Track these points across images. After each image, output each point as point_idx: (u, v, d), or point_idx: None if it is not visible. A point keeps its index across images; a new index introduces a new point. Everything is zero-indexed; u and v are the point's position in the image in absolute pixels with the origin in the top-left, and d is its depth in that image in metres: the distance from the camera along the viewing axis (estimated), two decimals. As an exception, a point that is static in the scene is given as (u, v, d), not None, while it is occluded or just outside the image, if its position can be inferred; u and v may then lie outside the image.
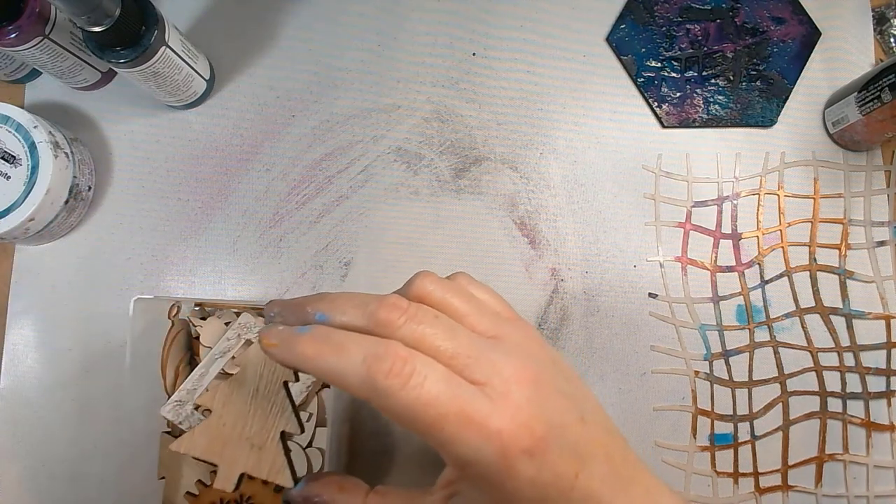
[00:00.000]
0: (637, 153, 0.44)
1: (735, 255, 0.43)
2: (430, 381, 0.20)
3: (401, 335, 0.21)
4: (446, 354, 0.21)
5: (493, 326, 0.23)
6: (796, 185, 0.44)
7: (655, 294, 0.43)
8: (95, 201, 0.42)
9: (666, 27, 0.45)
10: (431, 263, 0.42)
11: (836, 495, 0.41)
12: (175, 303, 0.37)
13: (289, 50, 0.44)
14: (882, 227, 0.44)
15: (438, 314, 0.23)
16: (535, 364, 0.23)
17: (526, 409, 0.21)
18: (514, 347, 0.23)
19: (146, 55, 0.35)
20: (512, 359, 0.22)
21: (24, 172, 0.37)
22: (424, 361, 0.21)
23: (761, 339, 0.42)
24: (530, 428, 0.21)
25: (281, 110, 0.43)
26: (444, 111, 0.44)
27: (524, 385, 0.21)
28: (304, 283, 0.42)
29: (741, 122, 0.44)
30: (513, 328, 0.24)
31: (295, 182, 0.43)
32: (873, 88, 0.39)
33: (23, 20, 0.35)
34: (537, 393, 0.21)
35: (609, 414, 0.25)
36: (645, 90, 0.44)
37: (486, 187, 0.43)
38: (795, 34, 0.45)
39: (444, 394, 0.20)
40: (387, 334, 0.21)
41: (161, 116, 0.43)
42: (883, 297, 0.43)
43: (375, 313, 0.22)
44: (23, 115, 0.37)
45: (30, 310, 0.41)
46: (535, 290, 0.42)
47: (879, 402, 0.42)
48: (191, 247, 0.42)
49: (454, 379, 0.21)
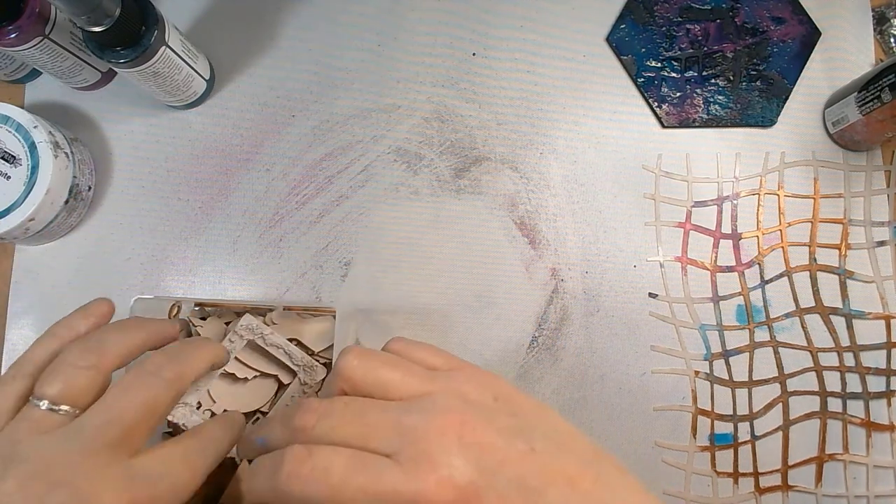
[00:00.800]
0: (637, 153, 0.44)
1: (735, 255, 0.43)
2: (334, 468, 0.21)
3: (316, 436, 0.22)
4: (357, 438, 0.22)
5: (422, 385, 0.23)
6: (796, 185, 0.44)
7: (655, 294, 0.43)
8: (95, 201, 0.42)
9: (666, 27, 0.45)
10: (431, 263, 0.42)
11: (836, 495, 0.41)
12: (175, 303, 0.37)
13: (289, 50, 0.44)
14: (882, 227, 0.44)
15: (349, 401, 0.23)
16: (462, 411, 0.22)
17: (444, 462, 0.21)
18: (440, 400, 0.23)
19: (146, 55, 0.35)
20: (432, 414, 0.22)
21: (24, 172, 0.37)
22: (325, 453, 0.21)
23: (761, 339, 0.42)
24: (450, 480, 0.20)
25: (281, 110, 0.43)
26: (444, 111, 0.44)
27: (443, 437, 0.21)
28: (304, 283, 0.42)
29: (741, 122, 0.44)
30: (445, 380, 0.24)
31: (295, 182, 0.43)
32: (873, 88, 0.39)
33: (23, 20, 0.35)
34: (460, 441, 0.21)
35: (608, 415, 0.24)
36: (645, 90, 0.44)
37: (486, 187, 0.43)
38: (795, 34, 0.45)
39: (349, 476, 0.20)
40: (304, 439, 0.22)
41: (161, 116, 0.43)
42: (883, 297, 0.43)
43: (291, 423, 0.23)
44: (23, 115, 0.37)
45: (30, 310, 0.41)
46: (535, 290, 0.42)
47: (879, 402, 0.42)
48: (191, 247, 0.42)
49: (361, 459, 0.21)
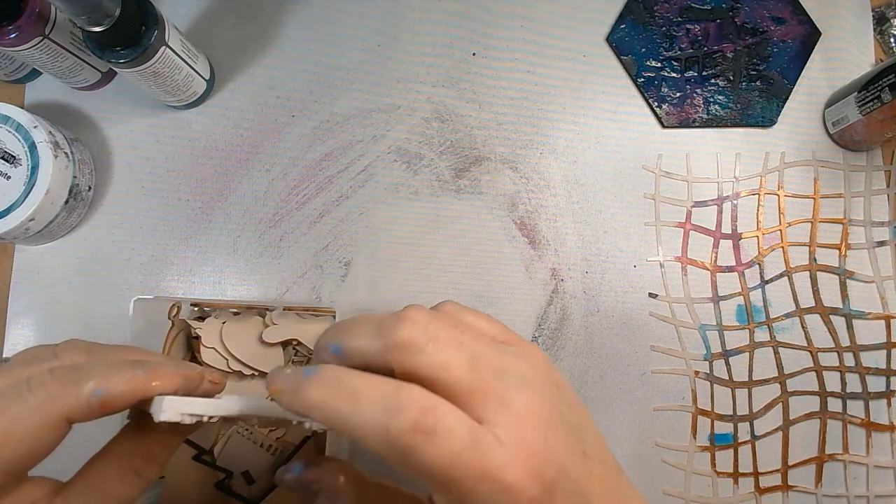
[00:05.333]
0: (637, 153, 0.44)
1: (735, 255, 0.43)
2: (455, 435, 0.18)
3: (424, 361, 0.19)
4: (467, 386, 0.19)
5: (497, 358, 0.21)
6: (796, 185, 0.44)
7: (655, 294, 0.43)
8: (95, 201, 0.42)
9: (666, 27, 0.45)
10: (431, 263, 0.42)
11: (836, 495, 0.41)
12: (175, 303, 0.37)
13: (289, 50, 0.44)
14: (882, 227, 0.44)
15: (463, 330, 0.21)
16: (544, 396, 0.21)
17: (538, 452, 0.19)
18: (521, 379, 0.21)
19: (146, 55, 0.35)
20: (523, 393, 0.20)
21: (24, 172, 0.37)
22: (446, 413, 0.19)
23: (761, 339, 0.42)
24: (540, 475, 0.19)
25: (281, 110, 0.43)
26: (444, 111, 0.44)
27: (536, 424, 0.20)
28: (304, 283, 0.42)
29: (741, 122, 0.44)
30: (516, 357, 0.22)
31: (295, 182, 0.43)
32: (873, 88, 0.39)
33: (23, 20, 0.35)
34: (547, 431, 0.20)
35: (608, 415, 0.24)
36: (645, 90, 0.44)
37: (486, 187, 0.43)
38: (795, 34, 0.45)
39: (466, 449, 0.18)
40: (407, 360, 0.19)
41: (161, 116, 0.43)
42: (883, 297, 0.43)
43: (393, 332, 0.19)
44: (23, 115, 0.37)
45: (30, 310, 0.41)
46: (535, 290, 0.42)
47: (879, 402, 0.42)
48: (191, 247, 0.42)
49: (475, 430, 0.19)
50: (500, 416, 0.19)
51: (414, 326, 0.19)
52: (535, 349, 0.23)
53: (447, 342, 0.20)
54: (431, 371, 0.19)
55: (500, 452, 0.19)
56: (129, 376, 0.22)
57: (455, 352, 0.20)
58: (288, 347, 0.38)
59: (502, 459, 0.19)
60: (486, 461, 0.19)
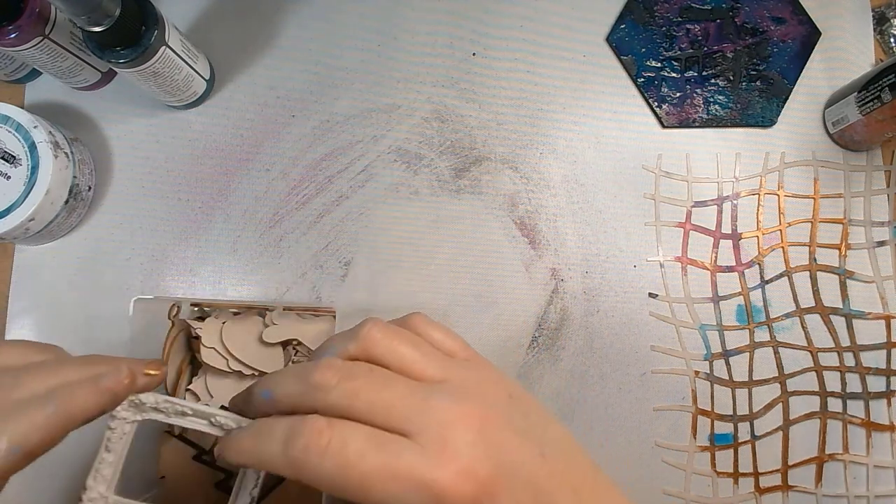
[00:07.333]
0: (637, 153, 0.44)
1: (735, 255, 0.43)
2: (352, 444, 0.20)
3: (335, 396, 0.21)
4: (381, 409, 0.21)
5: (442, 370, 0.23)
6: (796, 185, 0.44)
7: (655, 294, 0.43)
8: (95, 201, 0.42)
9: (666, 27, 0.45)
10: (431, 263, 0.42)
11: (836, 495, 0.41)
12: (175, 303, 0.37)
13: (289, 50, 0.44)
14: (882, 227, 0.44)
15: (373, 368, 0.22)
16: (482, 404, 0.22)
17: (466, 453, 0.20)
18: (460, 389, 0.22)
19: (146, 55, 0.35)
20: (455, 402, 0.22)
21: (24, 172, 0.37)
22: (343, 427, 0.20)
23: (761, 339, 0.42)
24: (472, 473, 0.20)
25: (281, 110, 0.43)
26: (444, 111, 0.44)
27: (466, 428, 0.21)
28: (304, 283, 0.42)
29: (741, 122, 0.44)
30: (463, 369, 0.24)
31: (295, 182, 0.43)
32: (873, 88, 0.39)
33: (23, 20, 0.35)
34: (482, 434, 0.21)
35: (608, 415, 0.24)
36: (645, 90, 0.44)
37: (486, 187, 0.43)
38: (795, 34, 0.45)
39: (367, 453, 0.20)
40: (321, 398, 0.21)
41: (161, 116, 0.43)
42: (883, 297, 0.43)
43: (310, 377, 0.22)
44: (23, 115, 0.37)
45: (30, 310, 0.41)
46: (535, 290, 0.42)
47: (879, 402, 0.42)
48: (191, 247, 0.42)
49: (379, 437, 0.20)
50: (421, 424, 0.21)
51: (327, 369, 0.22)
52: (486, 363, 0.25)
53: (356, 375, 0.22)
54: (344, 401, 0.21)
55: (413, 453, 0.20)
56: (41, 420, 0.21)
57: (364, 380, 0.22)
58: (288, 347, 0.38)
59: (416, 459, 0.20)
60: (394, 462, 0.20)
